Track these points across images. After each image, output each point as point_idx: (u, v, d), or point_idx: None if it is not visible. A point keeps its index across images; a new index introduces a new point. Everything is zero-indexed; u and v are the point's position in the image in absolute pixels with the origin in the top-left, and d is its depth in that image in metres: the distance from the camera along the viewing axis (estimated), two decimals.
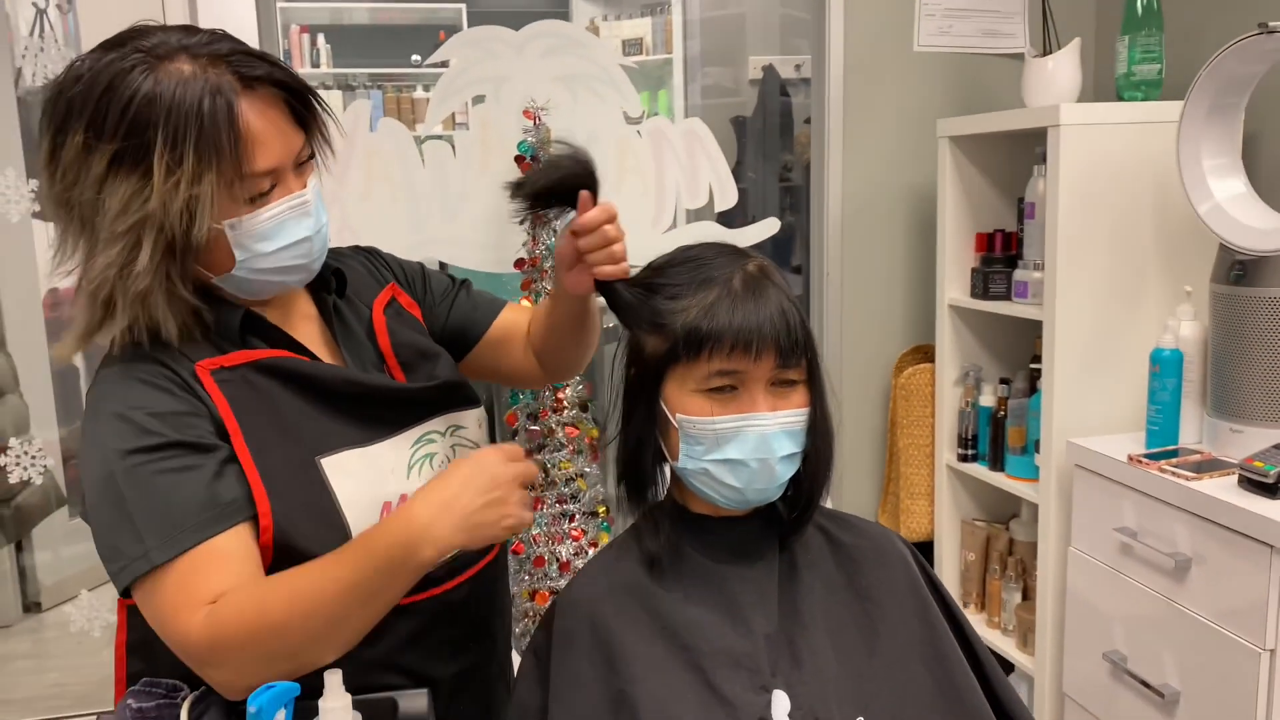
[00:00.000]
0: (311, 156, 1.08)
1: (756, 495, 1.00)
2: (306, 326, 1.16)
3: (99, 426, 0.99)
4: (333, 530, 1.02)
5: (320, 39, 5.26)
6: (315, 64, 5.21)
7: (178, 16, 1.97)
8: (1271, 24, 1.58)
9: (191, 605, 0.93)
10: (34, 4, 3.21)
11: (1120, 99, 2.06)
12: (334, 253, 1.23)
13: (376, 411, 1.11)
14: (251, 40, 2.40)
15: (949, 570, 2.43)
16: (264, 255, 1.03)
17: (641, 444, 1.03)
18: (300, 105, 1.05)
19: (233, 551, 0.96)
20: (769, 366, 0.96)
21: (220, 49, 1.00)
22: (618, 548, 1.08)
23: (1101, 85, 2.40)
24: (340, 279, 1.19)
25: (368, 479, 1.07)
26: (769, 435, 0.97)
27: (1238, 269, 1.72)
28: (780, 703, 0.96)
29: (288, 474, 1.02)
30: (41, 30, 3.12)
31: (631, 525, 1.08)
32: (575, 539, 2.13)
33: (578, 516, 2.14)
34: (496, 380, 1.52)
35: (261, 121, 1.00)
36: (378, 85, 5.32)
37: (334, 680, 0.93)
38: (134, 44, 0.98)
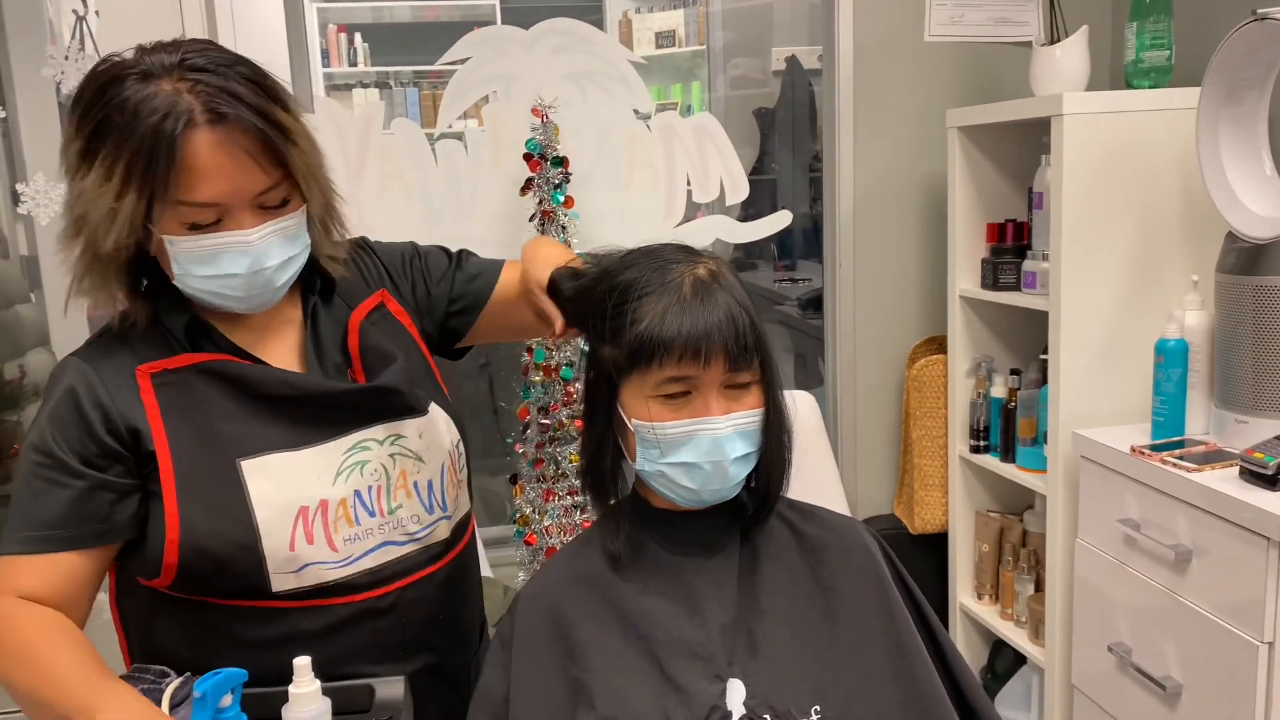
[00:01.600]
0: (286, 200, 1.09)
1: (712, 495, 1.03)
2: (286, 330, 1.20)
3: (38, 417, 1.11)
4: (241, 528, 1.08)
5: (358, 38, 5.34)
6: (353, 62, 5.29)
7: (195, 15, 2.01)
8: (1261, 10, 1.56)
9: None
10: (74, 11, 3.31)
11: (1129, 86, 2.03)
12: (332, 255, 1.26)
13: (313, 415, 1.14)
14: (280, 41, 2.47)
15: (963, 561, 2.42)
16: (197, 277, 1.08)
17: (602, 446, 1.06)
18: (278, 146, 1.06)
19: (58, 569, 1.07)
20: (720, 371, 0.98)
21: (207, 80, 1.03)
22: (582, 541, 1.11)
23: (1114, 73, 2.37)
24: (326, 283, 1.22)
25: (288, 482, 1.10)
26: (722, 438, 0.99)
27: (1244, 257, 1.70)
28: (735, 691, 0.98)
29: (205, 475, 1.08)
30: (82, 37, 3.21)
31: (595, 520, 1.11)
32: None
33: (588, 509, 2.17)
34: (520, 338, 1.57)
35: (213, 156, 1.02)
36: (415, 83, 5.38)
37: (303, 664, 0.97)
38: (143, 56, 1.05)
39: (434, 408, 1.23)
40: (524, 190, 2.14)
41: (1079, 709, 1.99)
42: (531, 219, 2.14)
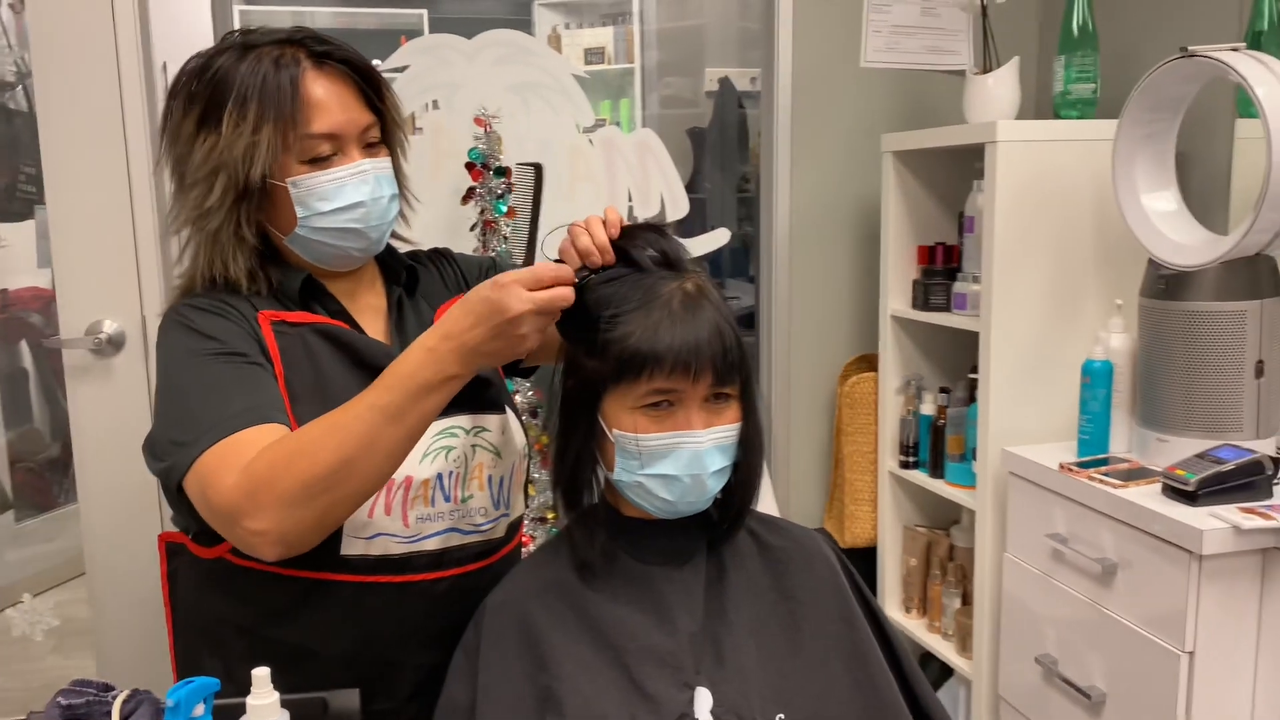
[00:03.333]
0: (382, 140, 1.20)
1: (688, 507, 1.04)
2: (371, 316, 1.26)
3: (165, 338, 1.15)
4: None
5: None
6: None
7: (126, 17, 1.97)
8: (1192, 48, 1.64)
9: (228, 468, 1.02)
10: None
11: (1057, 117, 2.12)
12: (413, 255, 1.38)
13: None
14: (208, 41, 2.41)
15: (891, 575, 2.48)
16: (322, 215, 1.15)
17: (579, 455, 1.06)
18: (371, 91, 1.18)
19: (269, 436, 1.05)
20: (706, 385, 1.00)
21: (300, 38, 1.16)
22: (549, 549, 1.11)
23: (1041, 103, 2.46)
24: (413, 276, 1.30)
25: None
26: (702, 452, 1.00)
27: (1164, 283, 1.78)
28: (703, 699, 0.99)
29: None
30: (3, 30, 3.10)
31: (564, 528, 1.11)
32: (525, 545, 2.15)
33: (527, 523, 2.16)
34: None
35: (324, 91, 1.15)
36: None
37: (261, 675, 0.94)
38: (235, 39, 1.18)
39: (509, 410, 1.28)
40: (465, 199, 2.13)
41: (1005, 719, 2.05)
42: (473, 228, 2.13)
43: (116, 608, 1.97)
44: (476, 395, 1.19)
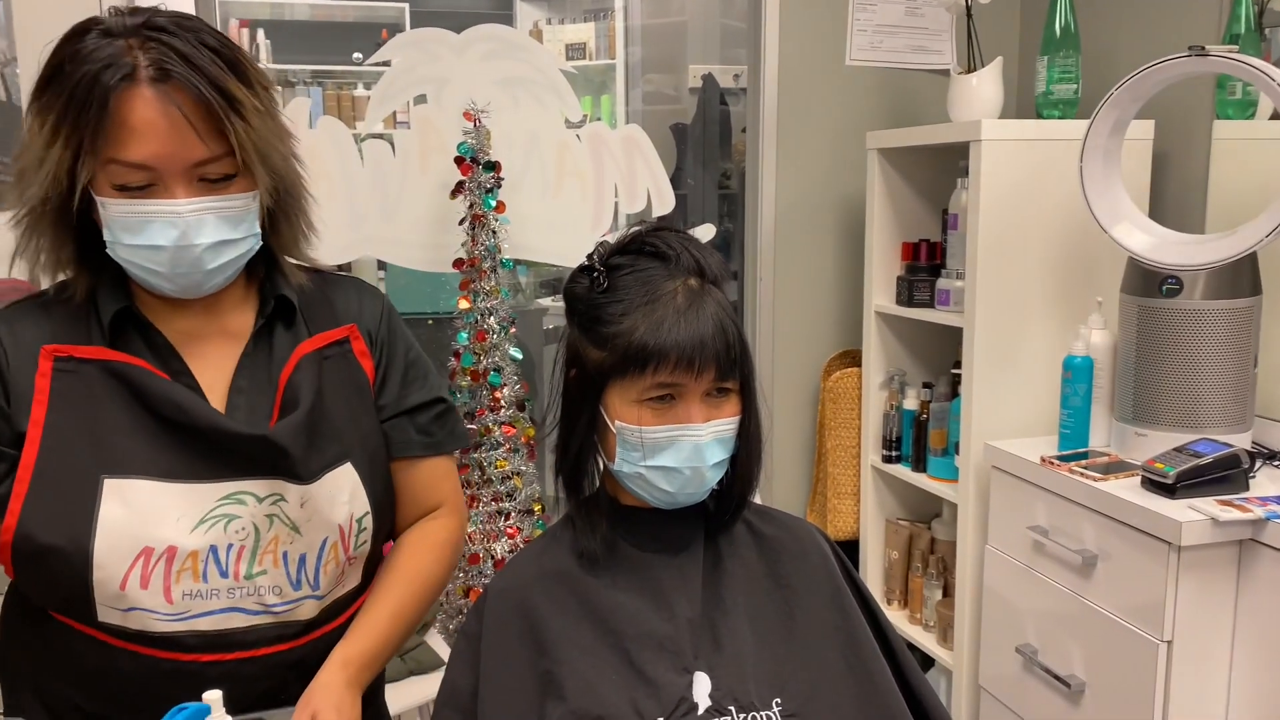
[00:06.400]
0: (230, 178, 1.03)
1: (687, 499, 1.06)
2: (229, 344, 1.12)
3: None
4: (73, 546, 1.01)
5: (260, 34, 5.21)
6: (254, 59, 5.16)
7: (115, 2, 1.96)
8: (1208, 47, 1.65)
9: None
10: None
11: (1040, 116, 2.15)
12: (331, 280, 1.22)
13: (198, 448, 1.05)
14: None
15: (873, 568, 2.51)
16: (124, 245, 1.02)
17: (582, 445, 1.07)
18: (230, 118, 1.00)
19: None
20: (708, 380, 1.01)
21: (163, 39, 0.99)
22: (549, 537, 1.12)
23: (1023, 103, 2.50)
24: (285, 306, 1.14)
25: (143, 516, 1.03)
26: (703, 445, 1.02)
27: (1145, 280, 1.82)
28: (701, 684, 1.01)
29: (64, 480, 1.02)
30: None
31: (564, 516, 1.12)
32: (511, 536, 2.16)
33: (513, 514, 2.17)
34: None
35: (148, 114, 0.97)
36: (318, 82, 5.28)
37: (214, 698, 0.94)
38: (113, 19, 1.01)
39: (336, 475, 1.10)
40: (454, 193, 2.13)
41: (985, 708, 2.08)
42: (461, 222, 2.13)
43: None
44: (269, 460, 1.06)
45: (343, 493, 1.10)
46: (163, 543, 1.02)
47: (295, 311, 1.15)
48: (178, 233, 1.01)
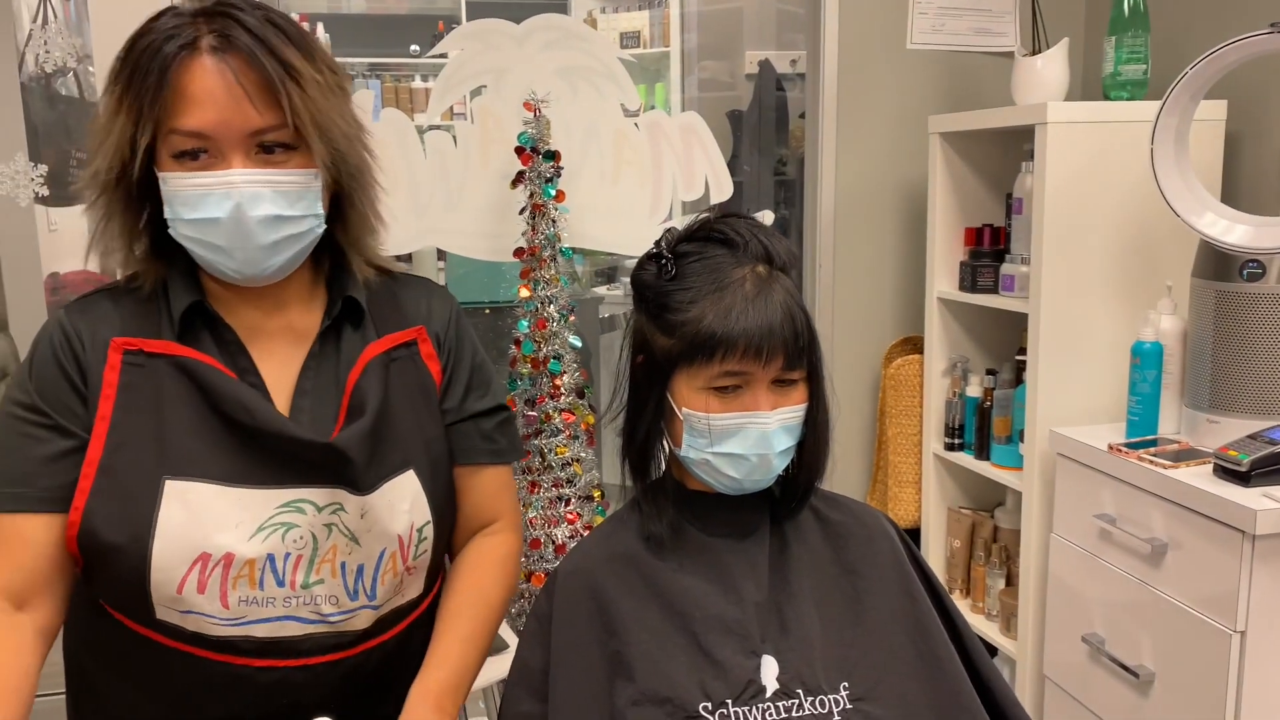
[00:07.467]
0: (289, 149, 1.01)
1: (753, 485, 1.06)
2: (296, 344, 1.11)
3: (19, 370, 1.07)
4: (134, 545, 1.01)
5: (320, 28, 5.28)
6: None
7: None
8: None
9: None
10: None
11: (1107, 98, 2.11)
12: (401, 280, 1.20)
13: (261, 453, 1.04)
14: None
15: (935, 557, 2.49)
16: (183, 221, 1.02)
17: (649, 431, 1.08)
18: (289, 88, 0.99)
19: (22, 536, 1.02)
20: (776, 368, 1.01)
21: (229, 12, 1.00)
22: (616, 521, 1.13)
23: (1089, 85, 2.45)
24: (352, 307, 1.12)
25: (203, 521, 1.02)
26: (770, 433, 1.02)
27: (1218, 263, 1.78)
28: (769, 667, 1.01)
29: (127, 480, 1.02)
30: (45, 18, 3.15)
31: (631, 500, 1.13)
32: (571, 522, 2.18)
33: (573, 500, 2.19)
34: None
35: (206, 82, 0.97)
36: (375, 75, 5.34)
37: None
38: (189, 3, 1.02)
39: (396, 483, 1.09)
40: (515, 183, 2.15)
41: (1050, 698, 2.06)
42: (522, 211, 2.15)
43: None
44: (331, 468, 1.04)
45: (404, 501, 1.09)
46: (220, 549, 1.01)
47: (363, 313, 1.13)
48: (232, 204, 0.99)
